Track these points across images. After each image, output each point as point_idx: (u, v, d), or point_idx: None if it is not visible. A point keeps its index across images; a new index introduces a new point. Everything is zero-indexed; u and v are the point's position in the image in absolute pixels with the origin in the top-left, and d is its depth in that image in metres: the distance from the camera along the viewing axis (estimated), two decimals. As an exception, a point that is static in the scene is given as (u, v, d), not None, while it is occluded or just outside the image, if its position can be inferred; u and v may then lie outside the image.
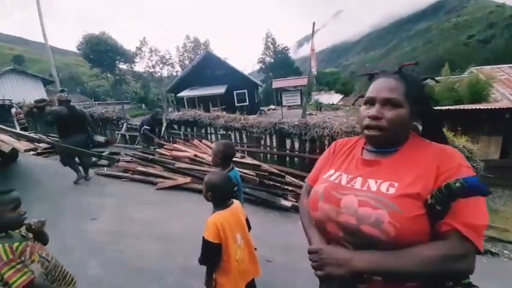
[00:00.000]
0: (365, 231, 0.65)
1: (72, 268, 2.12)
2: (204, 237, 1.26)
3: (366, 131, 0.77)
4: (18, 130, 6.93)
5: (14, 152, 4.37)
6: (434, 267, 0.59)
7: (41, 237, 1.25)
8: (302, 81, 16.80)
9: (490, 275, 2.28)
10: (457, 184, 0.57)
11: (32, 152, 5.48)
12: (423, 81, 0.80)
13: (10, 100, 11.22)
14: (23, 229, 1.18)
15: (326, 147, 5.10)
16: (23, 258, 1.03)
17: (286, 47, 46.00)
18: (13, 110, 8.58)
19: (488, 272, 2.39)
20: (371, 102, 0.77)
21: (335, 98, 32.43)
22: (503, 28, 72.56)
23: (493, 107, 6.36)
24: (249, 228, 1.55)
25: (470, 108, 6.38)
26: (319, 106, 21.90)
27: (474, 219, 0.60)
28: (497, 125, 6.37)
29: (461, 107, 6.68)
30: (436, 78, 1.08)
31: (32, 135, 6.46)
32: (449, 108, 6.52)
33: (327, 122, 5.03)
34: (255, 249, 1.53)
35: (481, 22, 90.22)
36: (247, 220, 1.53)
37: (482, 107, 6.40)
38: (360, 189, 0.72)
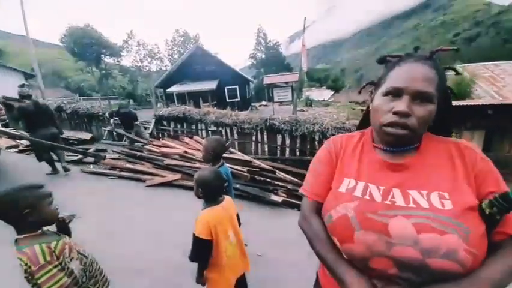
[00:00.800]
0: (434, 267, 0.50)
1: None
2: (194, 235, 1.24)
3: (389, 128, 0.61)
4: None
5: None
6: (505, 284, 0.52)
7: (66, 231, 1.21)
8: (293, 77, 16.81)
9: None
10: None
11: (13, 150, 5.26)
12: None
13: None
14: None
15: (316, 143, 5.17)
16: (62, 258, 0.98)
17: (278, 42, 45.83)
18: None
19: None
20: (396, 93, 0.60)
21: (325, 94, 32.73)
22: (489, 26, 74.54)
23: (476, 104, 6.60)
24: (239, 224, 1.55)
25: (454, 104, 6.60)
26: (309, 102, 22.06)
27: None
28: (480, 121, 6.62)
29: (447, 103, 6.89)
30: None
31: (13, 132, 6.18)
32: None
33: (317, 118, 5.08)
34: (246, 245, 1.53)
35: (467, 20, 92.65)
36: (237, 216, 1.53)
37: (466, 104, 6.63)
38: (407, 206, 0.55)
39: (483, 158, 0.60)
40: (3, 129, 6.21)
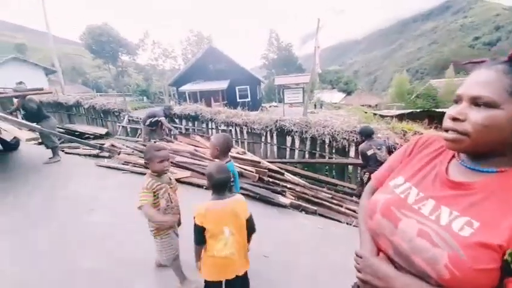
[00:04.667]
0: (415, 263, 0.58)
1: (70, 259, 2.17)
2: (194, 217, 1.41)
3: (444, 133, 0.63)
4: (20, 119, 6.93)
5: (16, 141, 4.39)
6: None
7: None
8: (305, 78, 16.71)
9: None
10: None
11: (33, 142, 5.49)
12: None
13: (11, 89, 11.20)
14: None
15: (326, 146, 5.13)
16: (157, 193, 1.68)
17: (290, 43, 45.63)
18: (15, 99, 8.57)
19: None
20: (458, 100, 0.62)
21: (337, 96, 32.33)
22: (510, 31, 71.59)
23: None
24: (253, 230, 1.53)
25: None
26: (319, 104, 21.89)
27: None
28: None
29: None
30: (440, 80, 0.86)
31: (33, 124, 6.46)
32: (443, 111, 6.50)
33: (328, 121, 5.03)
34: (248, 250, 1.55)
35: (487, 24, 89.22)
36: (251, 220, 1.50)
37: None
38: (427, 216, 0.61)
39: None
40: (24, 121, 6.51)
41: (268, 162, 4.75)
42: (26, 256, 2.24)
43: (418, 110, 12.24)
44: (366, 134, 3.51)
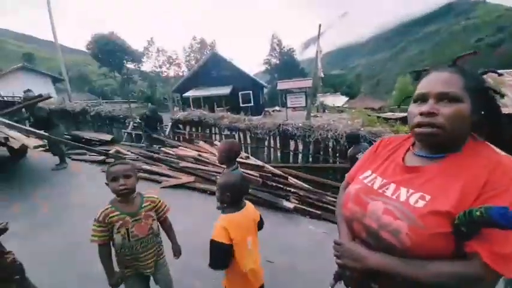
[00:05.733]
0: (383, 237, 0.67)
1: (80, 264, 2.19)
2: (211, 239, 1.23)
3: (417, 129, 0.69)
4: (27, 127, 7.06)
5: (24, 148, 4.47)
6: (445, 282, 0.59)
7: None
8: (307, 83, 16.76)
9: None
10: (477, 213, 0.53)
11: (40, 149, 5.59)
12: (483, 75, 0.74)
13: (20, 97, 11.47)
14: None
15: (329, 150, 5.12)
16: (112, 225, 1.33)
17: (292, 48, 46.00)
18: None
19: None
20: (422, 98, 0.69)
21: (340, 100, 32.30)
22: (513, 32, 70.97)
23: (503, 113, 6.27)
24: (262, 226, 1.51)
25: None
26: (322, 108, 21.91)
27: (501, 248, 0.55)
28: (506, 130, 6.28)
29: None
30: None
31: (41, 132, 6.58)
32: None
33: (331, 125, 5.03)
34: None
35: (490, 26, 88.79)
36: (261, 219, 1.50)
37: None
38: (390, 197, 0.71)
39: (508, 181, 0.58)
40: (31, 129, 6.63)
41: (272, 166, 4.75)
42: (36, 262, 2.26)
43: (422, 113, 12.14)
44: (354, 140, 3.68)
